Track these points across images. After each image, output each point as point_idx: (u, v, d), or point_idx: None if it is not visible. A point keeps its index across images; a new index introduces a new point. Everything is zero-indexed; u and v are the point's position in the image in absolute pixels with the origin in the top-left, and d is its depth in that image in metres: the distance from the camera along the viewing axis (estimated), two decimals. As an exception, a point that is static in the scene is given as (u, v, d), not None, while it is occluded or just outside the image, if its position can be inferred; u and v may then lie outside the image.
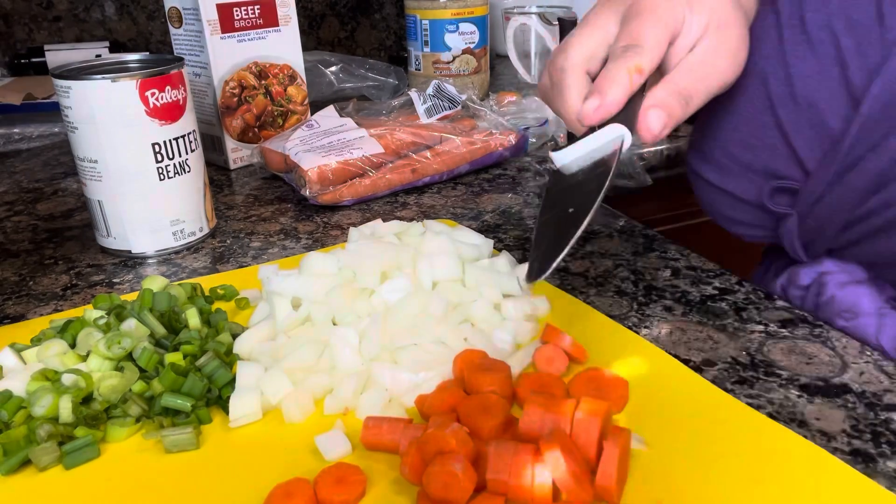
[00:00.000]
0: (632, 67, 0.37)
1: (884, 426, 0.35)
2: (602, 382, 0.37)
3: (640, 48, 0.38)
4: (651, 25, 0.38)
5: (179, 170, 0.55)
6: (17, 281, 0.54)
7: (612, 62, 0.38)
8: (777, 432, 0.34)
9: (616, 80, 0.37)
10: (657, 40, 0.38)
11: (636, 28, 0.39)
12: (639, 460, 0.33)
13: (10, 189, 0.75)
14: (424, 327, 0.40)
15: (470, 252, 0.47)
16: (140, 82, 0.51)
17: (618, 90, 0.37)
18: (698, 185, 0.49)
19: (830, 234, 0.44)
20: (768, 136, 0.43)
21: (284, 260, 0.54)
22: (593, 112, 0.37)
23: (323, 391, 0.38)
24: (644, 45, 0.38)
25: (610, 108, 0.37)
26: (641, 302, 0.47)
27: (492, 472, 0.30)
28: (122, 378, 0.37)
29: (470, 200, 0.66)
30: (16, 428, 0.35)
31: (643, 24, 0.39)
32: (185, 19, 0.72)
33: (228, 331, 0.43)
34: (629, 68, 0.37)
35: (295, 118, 0.81)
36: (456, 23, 0.95)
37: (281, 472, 0.33)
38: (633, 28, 0.39)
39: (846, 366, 0.39)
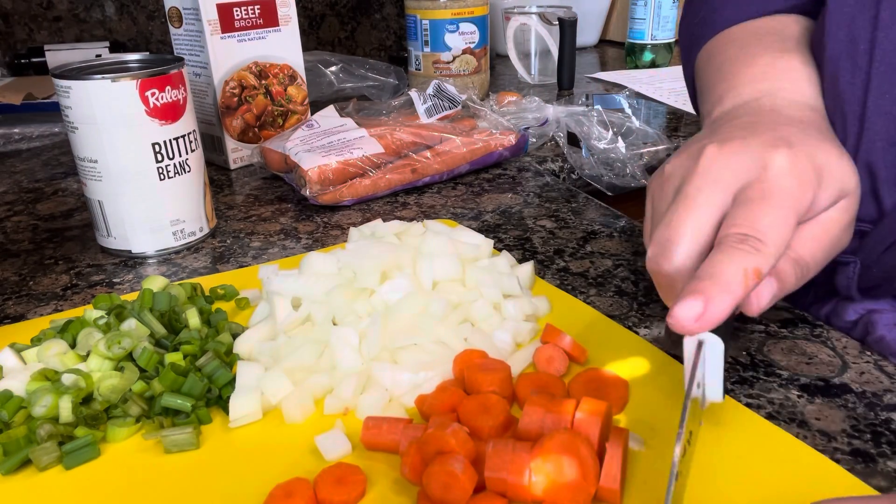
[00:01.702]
0: (750, 270, 0.29)
1: (884, 426, 0.35)
2: (602, 382, 0.37)
3: (763, 245, 0.30)
4: (778, 213, 0.31)
5: (179, 170, 0.55)
6: (17, 281, 0.54)
7: (726, 254, 0.30)
8: (775, 434, 0.34)
9: (729, 285, 0.29)
10: (783, 235, 0.31)
11: (760, 214, 0.31)
12: (639, 461, 0.33)
13: (11, 189, 0.75)
14: (424, 327, 0.40)
15: (470, 252, 0.47)
16: (140, 82, 0.51)
17: (727, 299, 0.29)
18: None
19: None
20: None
21: (284, 260, 0.54)
22: (693, 323, 0.28)
23: (323, 391, 0.38)
24: (767, 240, 0.30)
25: (714, 322, 0.29)
26: (641, 302, 0.47)
27: (490, 471, 0.30)
28: (122, 378, 0.37)
29: (470, 200, 0.66)
30: (16, 428, 0.35)
31: (769, 211, 0.31)
32: (185, 19, 0.72)
33: (228, 331, 0.43)
34: (747, 270, 0.29)
35: (295, 118, 0.81)
36: (456, 23, 0.95)
37: (281, 472, 0.33)
38: (755, 213, 0.31)
39: (846, 366, 0.39)
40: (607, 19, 1.50)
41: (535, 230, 0.59)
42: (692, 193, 0.33)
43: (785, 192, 0.31)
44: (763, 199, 0.31)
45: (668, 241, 0.32)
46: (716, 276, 0.29)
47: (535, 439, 0.31)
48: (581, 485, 0.29)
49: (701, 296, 0.28)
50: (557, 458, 0.29)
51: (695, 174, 0.33)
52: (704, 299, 0.28)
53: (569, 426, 0.32)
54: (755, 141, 0.34)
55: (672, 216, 0.33)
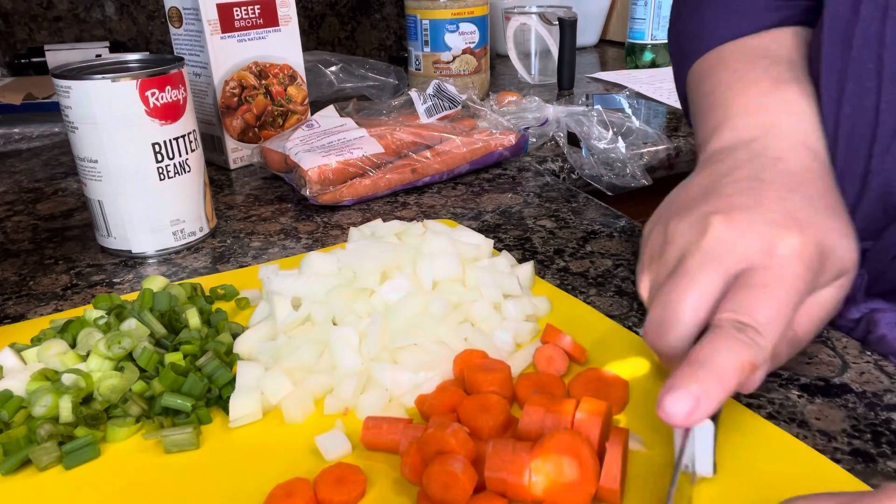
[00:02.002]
0: (746, 364, 0.28)
1: (884, 426, 0.35)
2: (602, 383, 0.37)
3: (761, 337, 0.29)
4: (779, 305, 0.30)
5: (179, 170, 0.55)
6: (17, 281, 0.54)
7: (722, 342, 0.29)
8: (775, 434, 0.34)
9: (723, 378, 0.28)
10: (781, 328, 0.30)
11: (762, 303, 0.30)
12: (639, 461, 0.32)
13: (11, 189, 0.75)
14: (424, 327, 0.40)
15: (470, 252, 0.47)
16: (140, 82, 0.51)
17: (720, 395, 0.27)
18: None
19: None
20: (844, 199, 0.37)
21: (284, 260, 0.54)
22: (684, 417, 0.27)
23: (323, 391, 0.38)
24: (766, 333, 0.29)
25: (704, 416, 0.28)
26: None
27: (490, 471, 0.30)
28: (123, 378, 0.37)
29: (470, 200, 0.66)
30: (16, 428, 0.35)
31: (771, 302, 0.30)
32: (185, 19, 0.72)
33: (228, 331, 0.43)
34: (742, 363, 0.28)
35: (295, 118, 0.81)
36: (456, 23, 0.95)
37: (281, 472, 0.33)
38: (757, 302, 0.30)
39: (846, 366, 0.39)
40: (607, 19, 1.50)
41: (535, 230, 0.59)
42: (693, 272, 0.32)
43: (788, 282, 0.30)
44: (766, 287, 0.30)
45: (666, 321, 0.32)
46: (710, 366, 0.28)
47: (535, 439, 0.31)
48: (581, 485, 0.29)
49: (692, 390, 0.27)
50: (557, 458, 0.29)
51: (698, 251, 0.32)
52: (696, 395, 0.27)
53: (569, 426, 0.32)
54: (763, 218, 0.33)
55: (672, 294, 0.32)
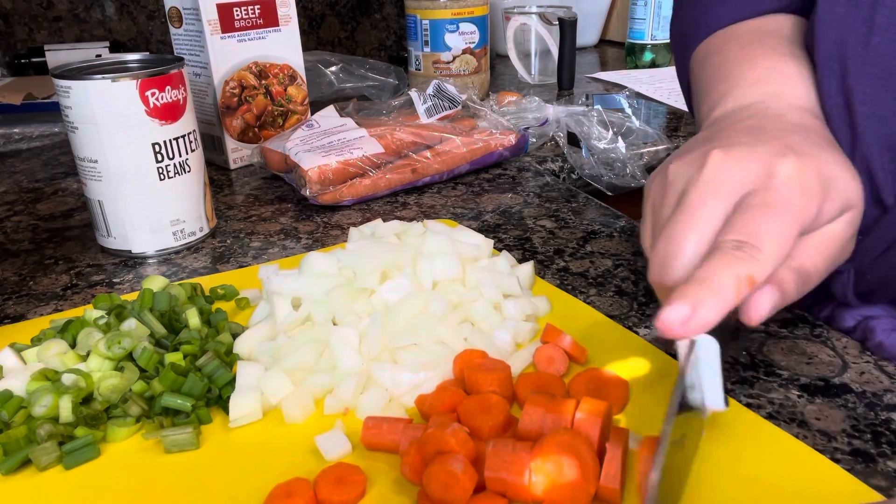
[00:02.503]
0: (742, 276, 0.28)
1: (884, 426, 0.35)
2: (602, 382, 0.37)
3: (759, 252, 0.29)
4: (779, 223, 0.30)
5: (179, 170, 0.55)
6: (17, 281, 0.54)
7: (719, 259, 0.29)
8: (775, 434, 0.34)
9: (719, 290, 0.28)
10: (783, 245, 0.30)
11: (759, 222, 0.30)
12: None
13: (11, 189, 0.75)
14: (424, 327, 0.40)
15: (470, 252, 0.47)
16: (140, 82, 0.51)
17: (717, 306, 0.28)
18: None
19: (892, 290, 0.41)
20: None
21: (284, 260, 0.54)
22: (679, 327, 0.28)
23: (323, 391, 0.38)
24: (764, 249, 0.29)
25: (702, 327, 0.28)
26: (642, 302, 0.47)
27: (490, 471, 0.30)
28: (123, 378, 0.37)
29: (470, 200, 0.66)
30: (16, 428, 0.35)
31: (769, 219, 0.30)
32: (186, 19, 0.72)
33: (228, 331, 0.43)
34: (739, 276, 0.28)
35: (295, 118, 0.81)
36: (456, 23, 0.95)
37: (281, 472, 0.33)
38: (755, 221, 0.30)
39: (846, 366, 0.39)
40: (607, 19, 1.50)
41: (535, 230, 0.59)
42: (695, 204, 0.32)
43: (789, 202, 0.30)
44: (765, 206, 0.30)
45: (670, 254, 0.31)
46: (707, 280, 0.28)
47: (535, 439, 0.31)
48: (581, 485, 0.29)
49: (689, 300, 0.28)
50: (557, 458, 0.29)
51: (698, 182, 0.32)
52: (693, 303, 0.27)
53: (569, 426, 0.32)
54: (762, 148, 0.33)
55: (674, 228, 0.32)
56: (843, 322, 0.45)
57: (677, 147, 0.83)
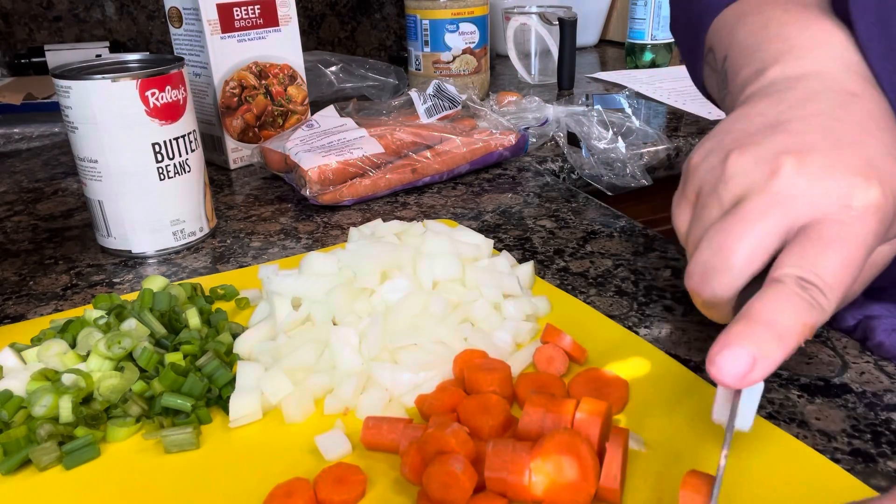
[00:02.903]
0: (808, 324, 0.26)
1: (884, 426, 0.35)
2: (602, 382, 0.37)
3: (825, 300, 0.27)
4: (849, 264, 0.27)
5: (180, 170, 0.55)
6: (17, 281, 0.54)
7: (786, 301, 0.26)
8: (775, 435, 0.34)
9: (785, 338, 0.26)
10: (845, 289, 0.27)
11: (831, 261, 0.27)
12: (639, 461, 0.33)
13: (11, 189, 0.75)
14: (424, 327, 0.40)
15: (470, 252, 0.47)
16: (140, 82, 0.51)
17: (780, 355, 0.26)
18: None
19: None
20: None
21: (284, 260, 0.54)
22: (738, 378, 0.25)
23: (323, 391, 0.38)
24: (830, 295, 0.27)
25: (761, 378, 0.26)
26: (641, 302, 0.47)
27: (490, 471, 0.30)
28: (123, 378, 0.37)
29: (470, 200, 0.66)
30: (16, 428, 0.35)
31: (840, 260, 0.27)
32: (185, 19, 0.72)
33: (228, 331, 0.43)
34: (806, 324, 0.26)
35: (295, 118, 0.81)
36: (456, 23, 0.95)
37: (281, 472, 0.33)
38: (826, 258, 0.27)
39: (846, 366, 0.39)
40: (607, 19, 1.50)
41: (535, 230, 0.59)
42: (753, 216, 0.29)
43: (862, 239, 0.28)
44: (838, 243, 0.27)
45: (713, 268, 0.29)
46: (771, 325, 0.26)
47: (535, 439, 0.31)
48: (581, 485, 0.29)
49: (750, 347, 0.25)
50: (557, 458, 0.29)
51: (764, 192, 0.29)
52: (753, 356, 0.25)
53: (569, 426, 0.32)
54: (842, 164, 0.29)
55: (724, 238, 0.29)
56: (844, 321, 0.45)
57: (677, 147, 0.83)
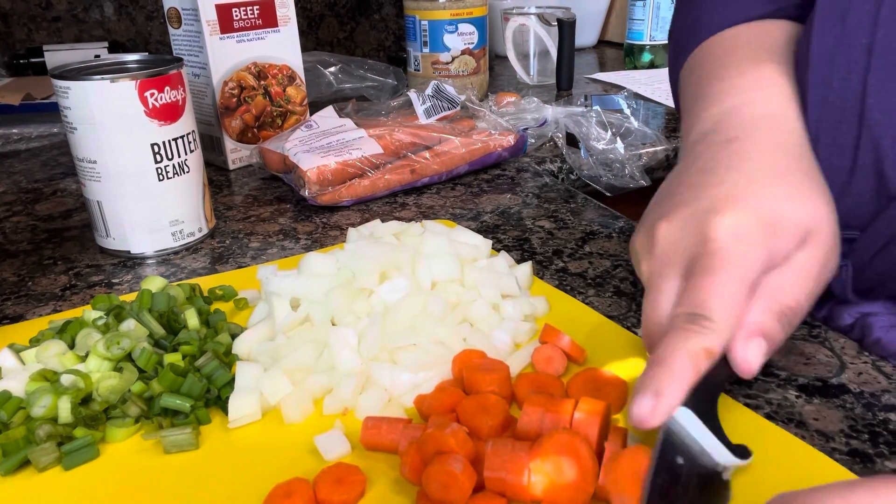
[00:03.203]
0: (699, 350, 0.29)
1: (881, 426, 0.35)
2: (600, 382, 0.37)
3: (711, 322, 0.29)
4: (724, 286, 0.30)
5: (178, 170, 0.55)
6: (16, 281, 0.54)
7: (674, 338, 0.29)
8: (774, 434, 0.34)
9: (677, 373, 0.28)
10: (732, 307, 0.30)
11: (706, 290, 0.30)
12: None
13: (9, 189, 0.75)
14: (423, 327, 0.40)
15: (469, 252, 0.47)
16: (139, 83, 0.51)
17: (678, 387, 0.28)
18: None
19: (892, 287, 0.41)
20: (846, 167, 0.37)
21: (283, 260, 0.54)
22: (648, 418, 0.28)
23: (322, 391, 0.38)
24: (715, 317, 0.29)
25: (669, 411, 0.28)
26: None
27: (489, 471, 0.30)
28: (121, 378, 0.37)
29: (469, 201, 0.66)
30: (15, 428, 0.35)
31: (714, 285, 0.30)
32: (184, 20, 0.72)
33: (227, 331, 0.43)
34: (695, 352, 0.29)
35: (294, 119, 0.81)
36: (455, 23, 0.95)
37: (280, 472, 0.33)
38: (702, 290, 0.30)
39: (844, 366, 0.39)
40: (606, 20, 1.50)
41: (533, 231, 0.59)
42: (653, 282, 0.34)
43: (730, 262, 0.31)
44: (708, 273, 0.30)
45: (644, 334, 0.34)
46: (663, 361, 0.29)
47: (534, 439, 0.31)
48: (580, 484, 0.29)
49: (650, 389, 0.28)
50: (556, 457, 0.29)
51: (651, 258, 0.34)
52: (654, 392, 0.28)
53: (567, 426, 0.32)
54: (699, 206, 0.33)
55: (644, 307, 0.34)
56: (842, 320, 0.45)
57: (676, 147, 0.83)
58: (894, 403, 0.36)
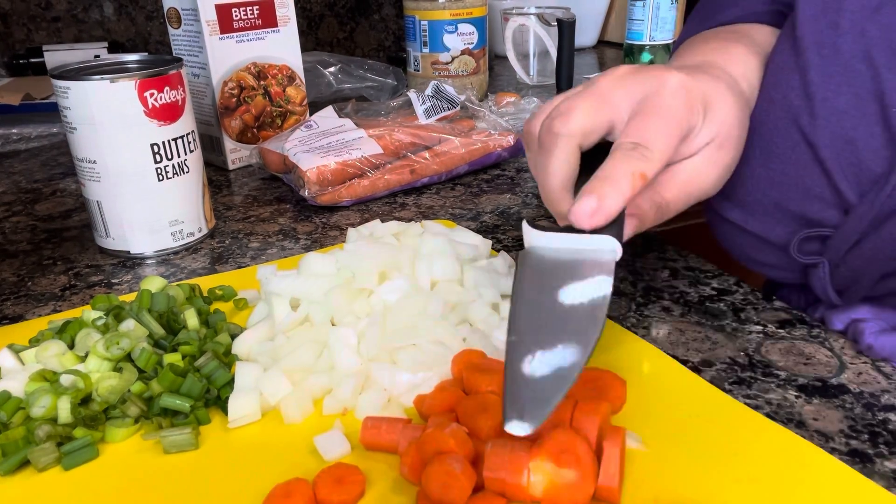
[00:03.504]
0: (637, 172, 0.33)
1: (881, 426, 0.35)
2: (600, 382, 0.37)
3: (650, 152, 0.34)
4: (665, 128, 0.35)
5: (178, 170, 0.55)
6: (15, 281, 0.54)
7: (618, 160, 0.34)
8: (775, 432, 0.34)
9: (618, 184, 0.33)
10: (667, 147, 0.35)
11: (650, 126, 0.35)
12: (637, 460, 0.33)
13: (9, 189, 0.75)
14: (423, 328, 0.40)
15: (468, 252, 0.47)
16: (139, 83, 0.51)
17: (618, 197, 0.33)
18: (717, 223, 0.46)
19: (867, 283, 0.42)
20: (801, 174, 0.40)
21: (283, 260, 0.54)
22: (589, 217, 0.33)
23: (322, 391, 0.38)
24: (654, 148, 0.34)
25: (608, 216, 0.33)
26: (640, 302, 0.47)
27: (489, 471, 0.30)
28: (121, 379, 0.37)
29: (468, 201, 0.66)
30: (14, 429, 0.35)
31: (658, 125, 0.35)
32: (184, 20, 0.72)
33: (227, 331, 0.43)
34: (634, 172, 0.33)
35: (294, 119, 0.81)
36: (455, 23, 0.95)
37: (280, 472, 0.33)
38: (646, 125, 0.35)
39: (844, 366, 0.39)
40: (606, 20, 1.50)
41: (533, 231, 0.59)
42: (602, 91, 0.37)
43: (673, 110, 0.35)
44: (655, 113, 0.35)
45: (567, 104, 0.37)
46: (610, 177, 0.33)
47: (533, 439, 0.31)
48: (580, 484, 0.29)
49: (595, 194, 0.33)
50: (556, 457, 0.29)
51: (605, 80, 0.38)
52: (599, 198, 0.33)
53: (567, 426, 0.32)
54: (647, 70, 0.38)
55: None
56: (833, 325, 0.45)
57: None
58: (894, 403, 0.36)
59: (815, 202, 0.40)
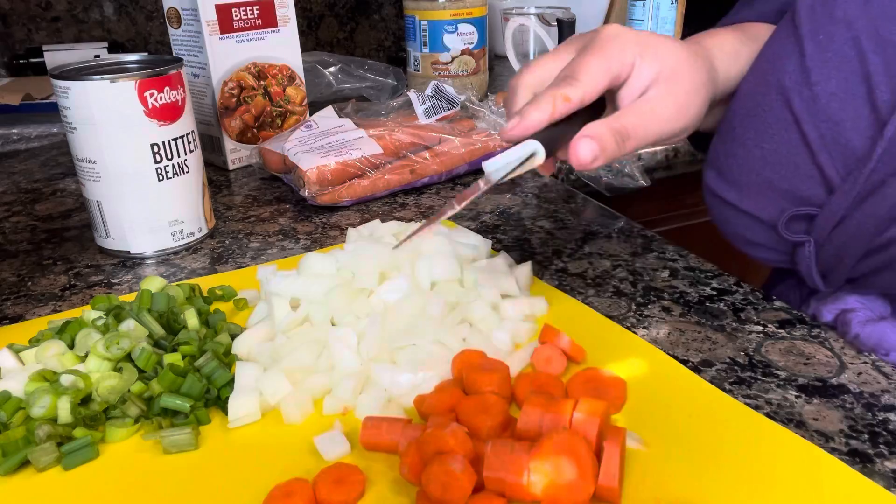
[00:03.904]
0: (559, 95, 0.39)
1: (881, 426, 0.35)
2: (600, 382, 0.37)
3: (575, 80, 0.39)
4: (593, 61, 0.40)
5: (178, 170, 0.55)
6: (15, 281, 0.54)
7: (547, 88, 0.40)
8: (775, 432, 0.34)
9: (540, 104, 0.39)
10: (594, 75, 0.40)
11: (579, 62, 0.40)
12: (637, 460, 0.33)
13: (9, 189, 0.75)
14: (423, 328, 0.40)
15: (468, 252, 0.47)
16: (139, 83, 0.51)
17: (538, 114, 0.39)
18: (714, 204, 0.48)
19: (849, 263, 0.43)
20: (791, 154, 0.42)
21: (283, 260, 0.54)
22: (509, 130, 0.39)
23: (322, 391, 0.38)
24: (580, 77, 0.39)
25: (526, 129, 0.38)
26: (640, 302, 0.47)
27: (489, 471, 0.30)
28: (121, 379, 0.37)
29: (468, 201, 0.66)
30: (14, 429, 0.35)
31: (586, 59, 0.40)
32: (184, 20, 0.72)
33: (227, 331, 0.43)
34: (556, 95, 0.39)
35: (294, 119, 0.81)
36: (455, 23, 0.95)
37: (280, 472, 0.33)
38: (577, 62, 0.41)
39: (844, 366, 0.39)
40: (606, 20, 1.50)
41: (533, 231, 0.59)
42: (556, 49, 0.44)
43: (604, 48, 0.40)
44: (586, 51, 0.41)
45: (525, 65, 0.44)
46: (535, 101, 0.39)
47: (533, 439, 0.31)
48: (580, 484, 0.29)
49: (518, 114, 0.39)
50: (556, 457, 0.29)
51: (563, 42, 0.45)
52: (521, 115, 0.38)
53: (567, 426, 0.32)
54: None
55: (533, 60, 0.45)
56: (823, 317, 0.46)
57: (675, 148, 0.83)
58: (894, 403, 0.36)
59: (804, 181, 0.42)
